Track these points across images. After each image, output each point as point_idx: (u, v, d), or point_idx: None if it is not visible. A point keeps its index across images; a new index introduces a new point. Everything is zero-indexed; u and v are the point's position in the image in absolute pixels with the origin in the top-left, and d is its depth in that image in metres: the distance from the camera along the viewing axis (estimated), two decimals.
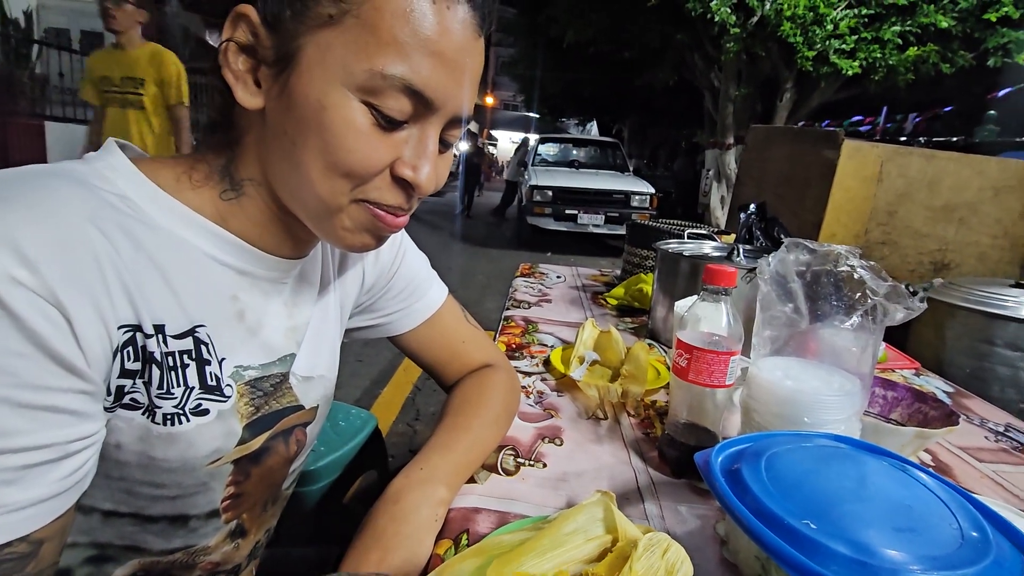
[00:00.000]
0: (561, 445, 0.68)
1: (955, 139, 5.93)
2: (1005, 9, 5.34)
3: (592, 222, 6.56)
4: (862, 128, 7.26)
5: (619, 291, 1.34)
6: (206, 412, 0.45)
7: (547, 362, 0.93)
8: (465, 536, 0.50)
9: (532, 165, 7.55)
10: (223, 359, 0.46)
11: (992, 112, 5.13)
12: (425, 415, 2.43)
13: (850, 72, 5.98)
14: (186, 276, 0.43)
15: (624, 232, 1.58)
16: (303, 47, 0.40)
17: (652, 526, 0.54)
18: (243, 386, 0.48)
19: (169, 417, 0.43)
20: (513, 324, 1.13)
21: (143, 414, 0.42)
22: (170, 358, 0.42)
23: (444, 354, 0.69)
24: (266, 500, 0.56)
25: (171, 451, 0.44)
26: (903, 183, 2.20)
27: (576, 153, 8.21)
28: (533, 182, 6.67)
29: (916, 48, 5.77)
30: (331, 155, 0.41)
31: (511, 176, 9.37)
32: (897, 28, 5.74)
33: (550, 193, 6.56)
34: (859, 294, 0.59)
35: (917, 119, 6.93)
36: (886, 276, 0.59)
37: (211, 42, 0.44)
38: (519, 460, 0.64)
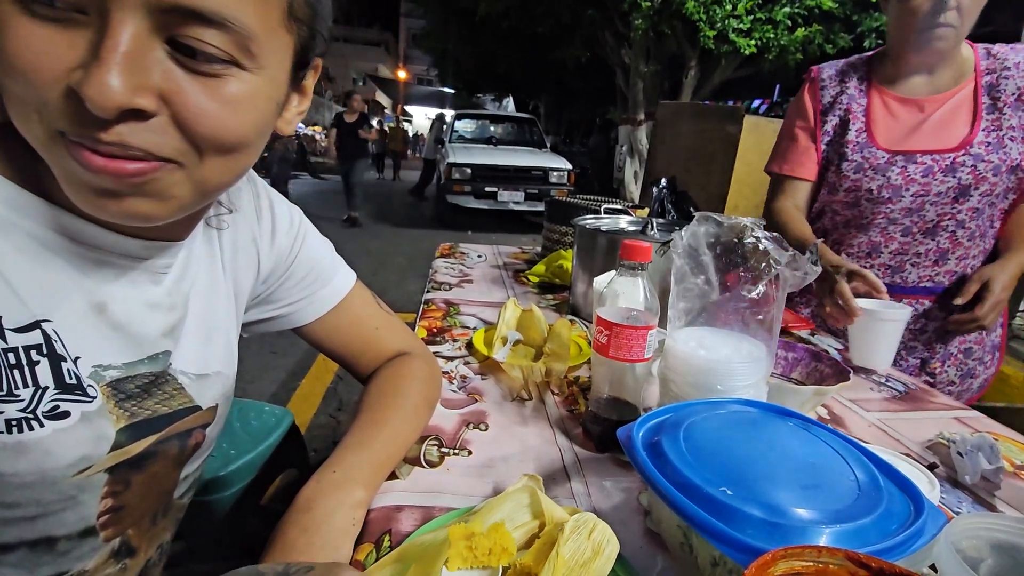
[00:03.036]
0: (487, 430, 0.66)
1: None
2: None
3: (512, 199, 6.57)
4: (760, 108, 7.79)
5: (540, 268, 1.34)
6: (66, 415, 0.39)
7: (469, 345, 0.91)
8: (387, 537, 0.47)
9: (450, 142, 7.40)
10: (77, 358, 0.40)
11: None
12: (348, 404, 2.35)
13: (747, 51, 6.37)
14: (16, 266, 0.36)
15: (543, 209, 1.59)
16: None
17: (579, 505, 0.54)
18: (105, 387, 0.42)
19: (15, 423, 0.37)
20: (434, 307, 1.09)
21: None
22: (11, 355, 0.36)
23: (356, 343, 0.65)
24: (154, 512, 0.50)
25: (22, 463, 0.37)
26: None
27: (494, 130, 8.14)
28: (451, 160, 6.56)
29: (804, 29, 6.24)
30: None
31: (428, 154, 9.15)
32: (788, 10, 6.18)
33: (469, 171, 6.48)
34: (764, 264, 0.61)
35: None
36: (787, 246, 0.62)
37: None
38: (443, 450, 0.61)
